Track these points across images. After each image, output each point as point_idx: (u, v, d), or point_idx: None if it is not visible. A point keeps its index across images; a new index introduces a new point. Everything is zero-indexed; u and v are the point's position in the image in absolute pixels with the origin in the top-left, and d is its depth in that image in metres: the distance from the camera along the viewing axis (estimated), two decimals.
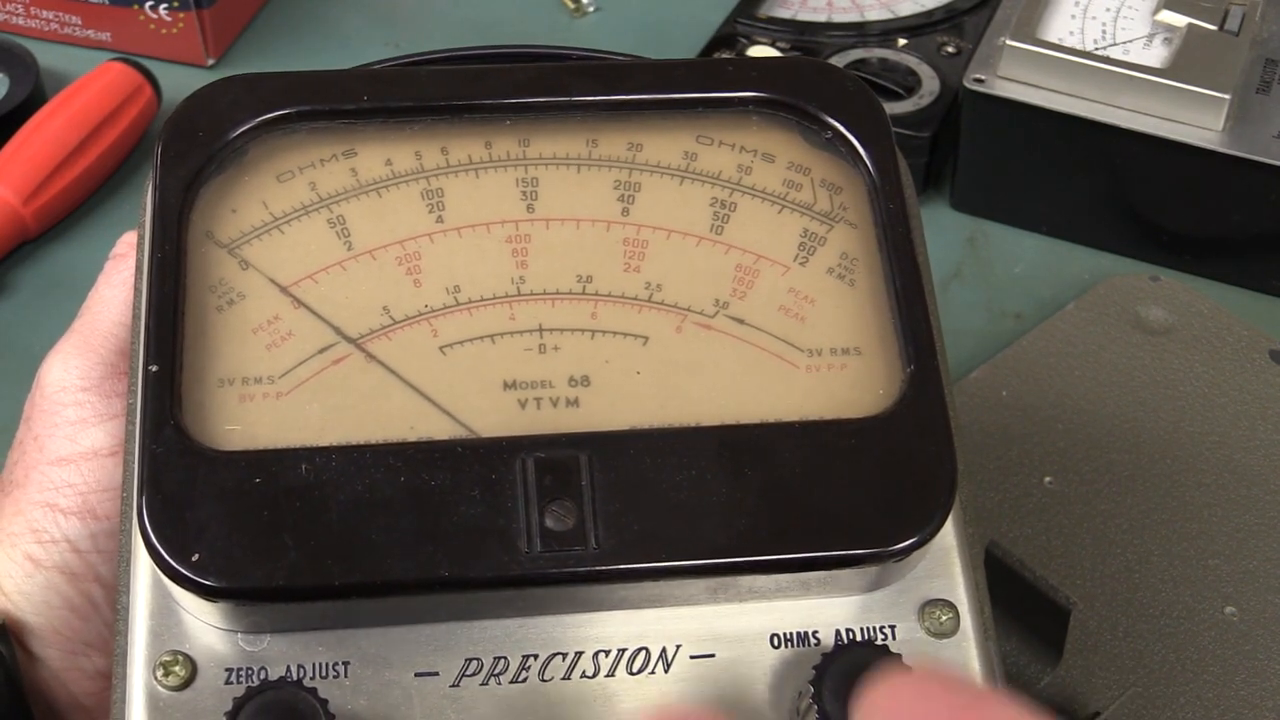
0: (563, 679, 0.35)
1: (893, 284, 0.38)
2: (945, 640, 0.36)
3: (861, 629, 0.36)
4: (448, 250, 0.38)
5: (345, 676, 0.34)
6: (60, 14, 0.74)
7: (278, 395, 0.35)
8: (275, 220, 0.38)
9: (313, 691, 0.33)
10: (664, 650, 0.35)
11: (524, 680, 0.35)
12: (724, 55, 0.70)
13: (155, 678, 0.34)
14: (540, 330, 0.37)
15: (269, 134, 0.39)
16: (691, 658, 0.35)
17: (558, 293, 0.37)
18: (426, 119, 0.39)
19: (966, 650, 0.36)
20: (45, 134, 0.67)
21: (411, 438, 0.35)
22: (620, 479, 0.34)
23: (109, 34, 0.75)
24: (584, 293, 0.38)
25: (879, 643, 0.35)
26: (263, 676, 0.34)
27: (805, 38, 0.71)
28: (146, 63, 0.71)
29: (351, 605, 0.34)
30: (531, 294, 0.37)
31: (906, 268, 0.38)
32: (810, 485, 0.35)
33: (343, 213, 0.38)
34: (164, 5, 0.72)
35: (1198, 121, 0.62)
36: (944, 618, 0.36)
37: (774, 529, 0.34)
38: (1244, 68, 0.64)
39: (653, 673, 0.35)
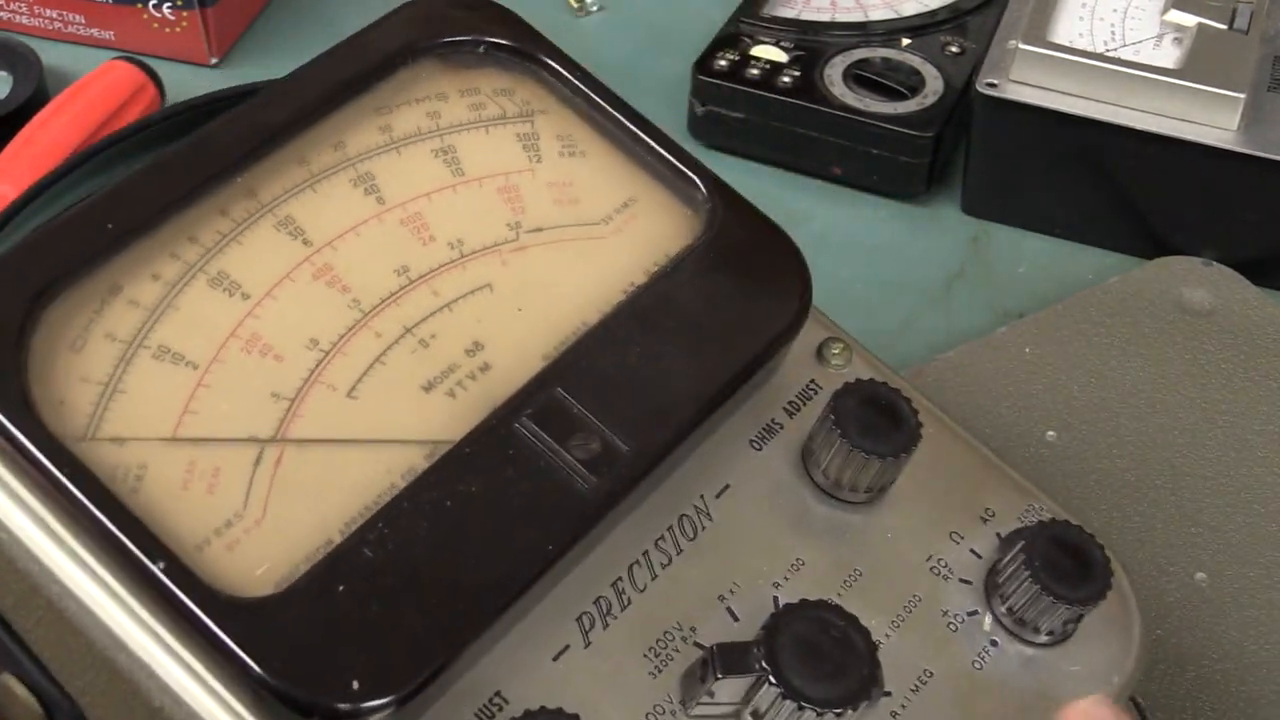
0: (652, 580, 0.37)
1: (624, 130, 0.41)
2: (846, 370, 0.42)
3: (797, 394, 0.41)
4: (275, 315, 0.37)
5: (507, 705, 0.34)
6: (63, 13, 0.74)
7: (257, 523, 0.34)
8: (106, 385, 0.35)
9: (557, 713, 0.32)
10: (695, 507, 0.38)
11: (630, 603, 0.36)
12: (725, 54, 0.70)
13: None
14: (406, 331, 0.38)
15: (39, 313, 0.36)
16: (716, 497, 0.38)
17: (392, 294, 0.38)
18: (160, 220, 0.38)
19: (874, 364, 0.42)
20: (48, 133, 0.66)
21: (400, 481, 0.35)
22: (597, 387, 0.36)
23: (112, 33, 0.74)
24: (411, 281, 0.38)
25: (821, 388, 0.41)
26: None
27: (809, 37, 0.71)
28: (150, 61, 0.71)
29: (497, 629, 0.34)
30: (373, 307, 0.38)
31: (624, 111, 0.41)
32: (721, 306, 0.39)
33: (159, 341, 0.36)
34: (167, 4, 0.72)
35: (1213, 121, 0.62)
36: (836, 349, 0.42)
37: (726, 352, 0.38)
38: (1255, 66, 0.64)
39: (704, 528, 0.38)
